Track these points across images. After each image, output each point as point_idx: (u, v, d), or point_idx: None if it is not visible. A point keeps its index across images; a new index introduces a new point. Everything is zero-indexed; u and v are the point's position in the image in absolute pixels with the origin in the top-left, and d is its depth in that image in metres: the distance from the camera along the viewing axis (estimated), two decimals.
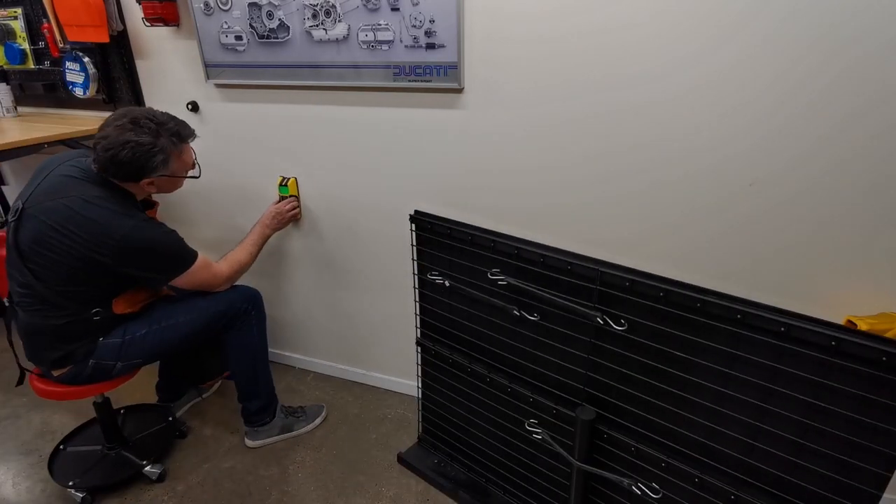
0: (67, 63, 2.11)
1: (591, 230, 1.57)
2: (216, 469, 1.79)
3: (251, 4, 1.68)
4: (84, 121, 2.20)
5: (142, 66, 2.03)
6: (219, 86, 1.90)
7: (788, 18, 1.20)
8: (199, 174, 1.61)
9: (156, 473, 1.73)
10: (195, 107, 1.98)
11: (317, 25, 1.63)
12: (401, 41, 1.55)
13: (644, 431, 1.22)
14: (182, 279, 1.54)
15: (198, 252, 1.57)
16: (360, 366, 2.20)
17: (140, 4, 1.79)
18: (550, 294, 1.27)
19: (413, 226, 1.55)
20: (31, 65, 2.31)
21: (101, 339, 1.51)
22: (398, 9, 1.51)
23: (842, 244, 1.33)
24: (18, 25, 2.26)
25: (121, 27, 1.94)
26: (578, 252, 1.24)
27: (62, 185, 1.42)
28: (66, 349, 1.48)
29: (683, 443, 1.17)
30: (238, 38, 1.76)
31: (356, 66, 1.64)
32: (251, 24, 1.72)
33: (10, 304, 1.51)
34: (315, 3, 1.60)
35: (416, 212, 1.54)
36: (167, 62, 1.96)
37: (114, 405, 1.81)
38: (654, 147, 1.41)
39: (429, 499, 1.67)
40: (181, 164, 1.53)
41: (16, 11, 2.23)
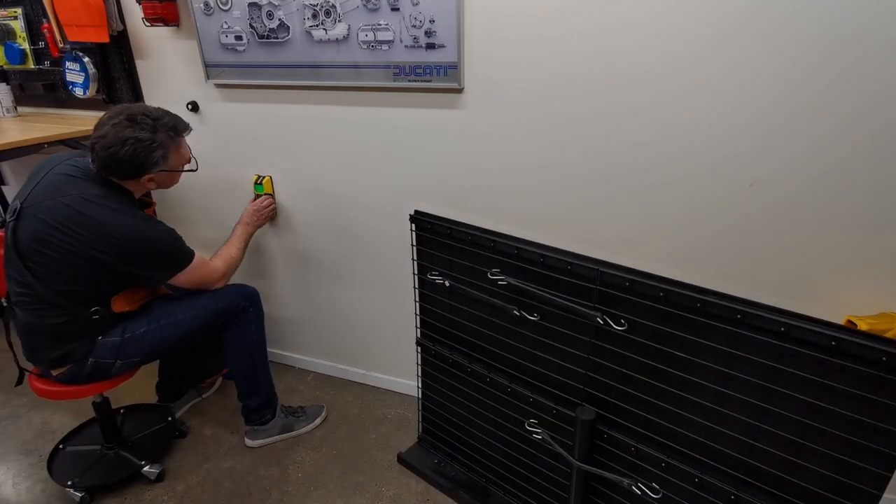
0: (67, 63, 2.11)
1: (591, 230, 1.57)
2: (216, 469, 1.79)
3: (251, 4, 1.68)
4: (84, 121, 2.20)
5: (142, 66, 2.03)
6: (219, 86, 1.90)
7: (788, 18, 1.20)
8: (197, 167, 1.61)
9: (154, 473, 1.73)
10: (195, 107, 1.98)
11: (317, 25, 1.63)
12: (401, 41, 1.55)
13: (644, 431, 1.22)
14: (180, 277, 1.55)
15: (194, 251, 1.58)
16: (360, 366, 2.20)
17: (140, 4, 1.79)
18: (550, 294, 1.27)
19: (413, 226, 1.55)
20: (31, 65, 2.31)
21: (101, 338, 1.51)
22: (398, 9, 1.51)
23: (842, 244, 1.33)
24: (18, 25, 2.26)
25: (121, 27, 1.94)
26: (578, 252, 1.24)
27: (61, 184, 1.42)
28: (65, 348, 1.48)
29: (683, 443, 1.17)
30: (238, 38, 1.76)
31: (356, 66, 1.64)
32: (251, 24, 1.72)
33: (9, 304, 1.51)
34: (315, 3, 1.60)
35: (416, 212, 1.54)
36: (167, 62, 1.96)
37: (114, 405, 1.81)
38: (654, 147, 1.41)
39: (429, 499, 1.67)
40: (179, 158, 1.54)
41: (16, 11, 2.23)
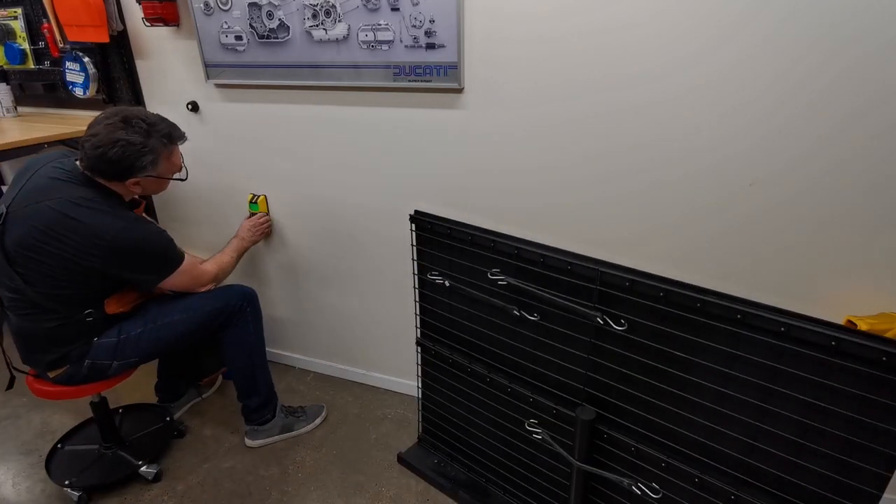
0: (67, 63, 2.11)
1: (591, 230, 1.57)
2: (216, 469, 1.79)
3: (251, 4, 1.68)
4: (84, 121, 2.19)
5: (142, 66, 2.03)
6: (219, 86, 1.90)
7: (788, 18, 1.20)
8: (186, 177, 1.61)
9: (152, 473, 1.73)
10: (195, 107, 1.98)
11: (317, 25, 1.63)
12: (401, 41, 1.55)
13: (644, 431, 1.22)
14: (170, 280, 1.54)
15: (185, 252, 1.58)
16: (361, 366, 2.20)
17: (140, 4, 1.79)
18: (550, 294, 1.27)
19: (413, 226, 1.55)
20: (31, 65, 2.31)
21: (96, 340, 1.51)
22: (398, 9, 1.51)
23: (842, 244, 1.33)
24: (18, 25, 2.26)
25: (121, 27, 1.94)
26: (578, 252, 1.24)
27: (47, 187, 1.39)
28: (61, 351, 1.48)
29: (683, 443, 1.17)
30: (238, 38, 1.76)
31: (356, 66, 1.64)
32: (251, 24, 1.72)
33: (1, 308, 1.50)
34: (315, 3, 1.60)
35: (416, 212, 1.54)
36: (167, 62, 1.96)
37: (112, 405, 1.81)
38: (654, 147, 1.41)
39: (429, 499, 1.67)
40: (169, 166, 1.53)
41: (16, 11, 2.24)
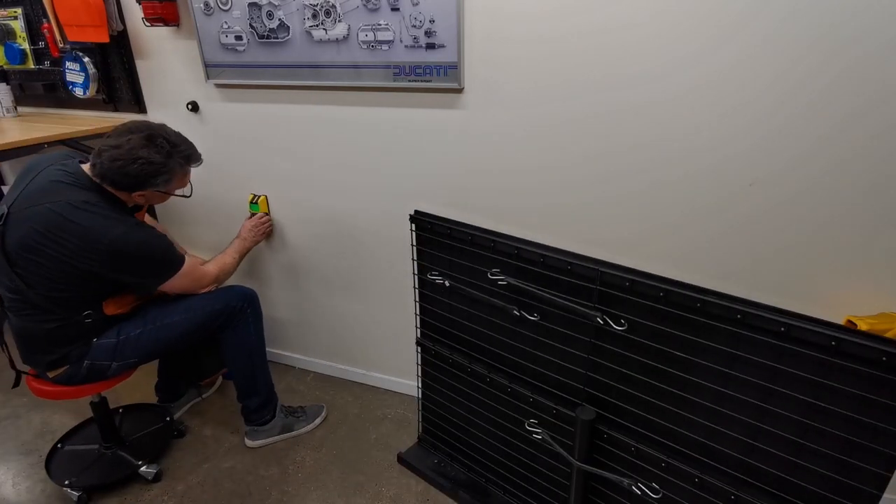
0: (67, 63, 2.11)
1: (591, 230, 1.57)
2: (216, 469, 1.79)
3: (251, 4, 1.68)
4: (84, 121, 2.20)
5: (142, 66, 2.03)
6: (219, 86, 1.90)
7: (788, 18, 1.20)
8: (191, 194, 1.62)
9: (152, 473, 1.72)
10: (195, 107, 1.98)
11: (317, 25, 1.63)
12: (401, 41, 1.55)
13: (644, 431, 1.22)
14: (170, 283, 1.54)
15: (185, 255, 1.58)
16: (360, 366, 2.20)
17: (140, 4, 1.79)
18: (550, 294, 1.27)
19: (413, 226, 1.55)
20: (31, 65, 2.31)
21: (96, 340, 1.51)
22: (398, 9, 1.51)
23: (842, 244, 1.33)
24: (18, 25, 2.26)
25: (121, 27, 1.94)
26: (578, 252, 1.24)
27: (49, 189, 1.39)
28: (60, 352, 1.48)
29: (683, 443, 1.17)
30: (238, 38, 1.76)
31: (356, 66, 1.64)
32: (251, 24, 1.72)
33: (1, 308, 1.50)
34: (315, 3, 1.60)
35: (416, 212, 1.54)
36: (167, 62, 1.96)
37: (113, 405, 1.81)
38: (654, 147, 1.41)
39: (429, 499, 1.67)
40: (178, 184, 1.55)
41: (16, 11, 2.23)
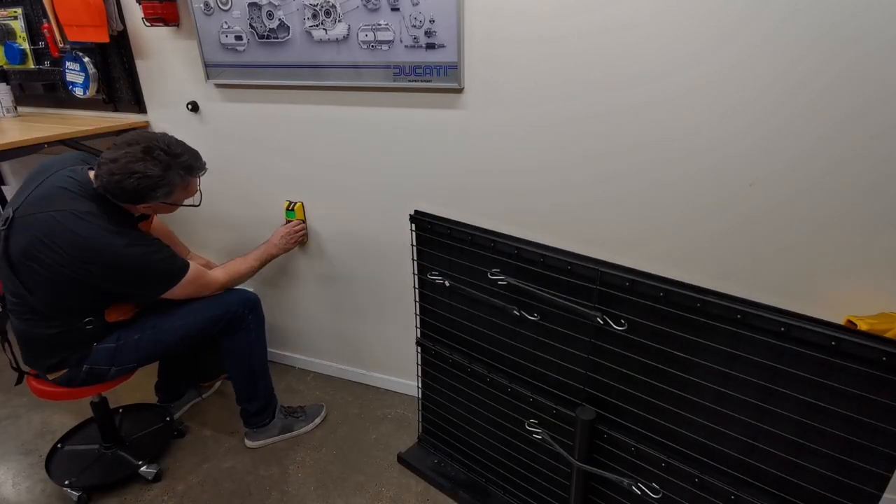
0: (67, 63, 2.11)
1: (591, 230, 1.57)
2: (216, 469, 1.79)
3: (251, 4, 1.68)
4: (84, 121, 2.20)
5: (142, 66, 2.03)
6: (219, 86, 1.90)
7: (788, 18, 1.20)
8: (200, 203, 1.60)
9: (152, 473, 1.73)
10: (195, 107, 1.98)
11: (317, 25, 1.63)
12: (401, 41, 1.55)
13: (644, 431, 1.22)
14: (173, 291, 1.53)
15: (189, 263, 1.56)
16: (360, 366, 2.20)
17: (140, 4, 1.79)
18: (550, 294, 1.27)
19: (413, 226, 1.55)
20: (31, 65, 2.31)
21: (95, 344, 1.51)
22: (398, 9, 1.51)
23: (842, 244, 1.33)
24: (18, 25, 2.26)
25: (121, 27, 1.94)
26: (578, 252, 1.24)
27: (54, 196, 1.39)
28: (60, 355, 1.48)
29: (683, 443, 1.17)
30: (238, 38, 1.76)
31: (356, 66, 1.64)
32: (251, 24, 1.72)
33: (4, 309, 1.50)
34: (315, 3, 1.60)
35: (416, 212, 1.54)
36: (167, 62, 1.96)
37: (113, 405, 1.81)
38: (654, 147, 1.41)
39: (429, 499, 1.67)
40: (184, 195, 1.53)
41: (16, 11, 2.23)
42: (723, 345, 1.05)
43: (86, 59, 2.06)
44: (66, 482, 1.67)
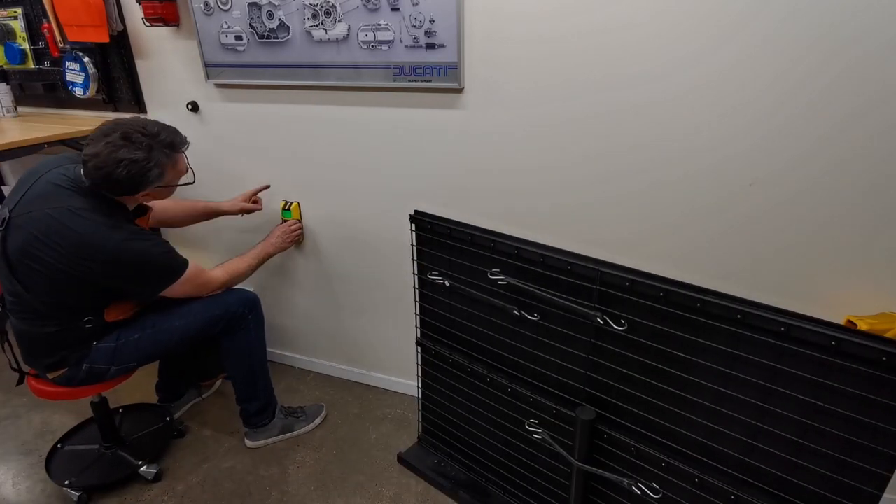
0: (67, 63, 2.11)
1: (591, 230, 1.57)
2: (216, 469, 1.79)
3: (251, 4, 1.68)
4: (84, 121, 2.20)
5: (142, 66, 2.03)
6: (219, 86, 1.90)
7: (788, 18, 1.20)
8: (194, 180, 1.57)
9: (152, 473, 1.72)
10: (195, 107, 1.98)
11: (317, 25, 1.63)
12: (401, 41, 1.55)
13: (644, 431, 1.22)
14: (172, 289, 1.51)
15: (188, 260, 1.53)
16: (360, 366, 2.20)
17: (140, 4, 1.79)
18: (550, 294, 1.27)
19: (413, 226, 1.55)
20: (31, 65, 2.31)
21: (95, 344, 1.50)
22: (398, 9, 1.51)
23: (842, 244, 1.33)
24: (18, 25, 2.26)
25: (121, 27, 1.94)
26: (578, 252, 1.24)
27: (50, 194, 1.38)
28: (59, 355, 1.48)
29: (683, 443, 1.17)
30: (238, 38, 1.76)
31: (356, 66, 1.64)
32: (251, 24, 1.72)
33: (4, 309, 1.50)
34: (315, 3, 1.60)
35: (416, 212, 1.54)
36: (167, 62, 1.96)
37: (113, 405, 1.80)
38: (654, 147, 1.41)
39: (429, 499, 1.67)
40: (175, 174, 1.49)
41: (16, 11, 2.23)
42: (723, 345, 1.05)
43: (86, 59, 2.06)
44: (67, 482, 1.67)
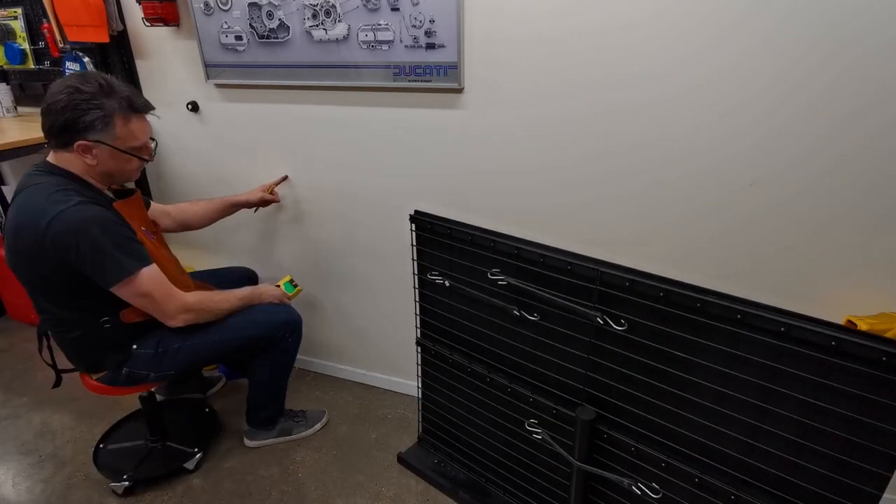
0: (67, 63, 2.11)
1: (591, 230, 1.57)
2: (216, 469, 1.79)
3: (251, 4, 1.68)
4: None
5: (142, 66, 2.03)
6: (219, 86, 1.90)
7: (788, 18, 1.20)
8: (153, 158, 1.44)
9: (193, 463, 1.77)
10: (195, 107, 1.98)
11: (317, 25, 1.63)
12: (401, 41, 1.55)
13: (644, 431, 1.22)
14: (130, 286, 1.34)
15: (152, 262, 1.39)
16: (360, 366, 2.20)
17: (140, 4, 1.79)
18: (550, 294, 1.27)
19: (413, 226, 1.55)
20: (31, 65, 2.31)
21: (135, 348, 1.51)
22: (398, 9, 1.51)
23: (842, 244, 1.33)
24: (18, 25, 2.26)
25: (121, 27, 1.94)
26: (578, 252, 1.24)
27: (21, 188, 1.33)
28: (96, 357, 1.49)
29: (683, 443, 1.17)
30: (238, 38, 1.76)
31: (356, 66, 1.64)
32: (251, 24, 1.72)
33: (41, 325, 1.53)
34: (315, 3, 1.60)
35: (416, 212, 1.54)
36: (167, 62, 1.96)
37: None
38: (654, 147, 1.41)
39: (429, 499, 1.67)
40: (127, 135, 1.32)
41: (16, 11, 2.23)
42: (723, 345, 1.05)
43: (86, 59, 2.06)
44: (124, 477, 1.69)
